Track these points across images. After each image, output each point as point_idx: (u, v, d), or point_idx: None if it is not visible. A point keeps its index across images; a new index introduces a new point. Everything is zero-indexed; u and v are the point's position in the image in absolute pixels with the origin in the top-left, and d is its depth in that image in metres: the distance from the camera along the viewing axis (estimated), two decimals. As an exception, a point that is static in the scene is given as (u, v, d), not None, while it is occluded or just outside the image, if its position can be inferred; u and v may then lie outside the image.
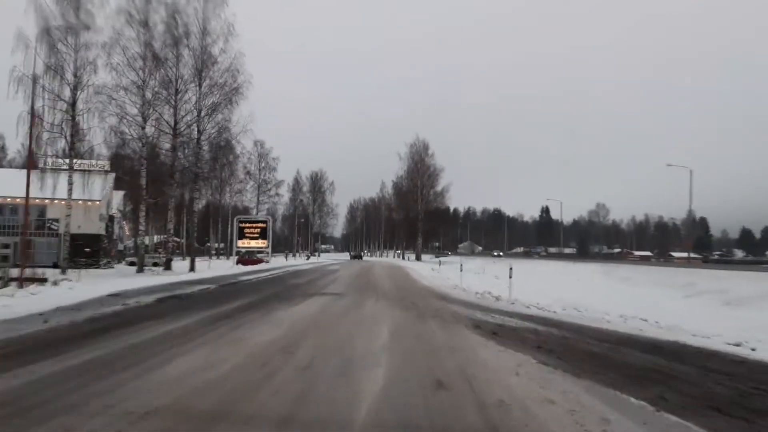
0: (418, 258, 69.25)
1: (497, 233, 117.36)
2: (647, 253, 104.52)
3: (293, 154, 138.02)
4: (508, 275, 14.89)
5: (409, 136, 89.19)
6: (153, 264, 30.52)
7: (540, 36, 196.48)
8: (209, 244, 68.27)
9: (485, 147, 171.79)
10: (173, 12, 28.19)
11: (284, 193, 73.25)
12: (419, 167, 72.47)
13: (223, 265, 38.24)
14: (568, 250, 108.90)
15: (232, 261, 42.58)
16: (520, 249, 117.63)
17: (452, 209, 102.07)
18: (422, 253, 73.44)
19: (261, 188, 65.64)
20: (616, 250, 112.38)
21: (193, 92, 30.43)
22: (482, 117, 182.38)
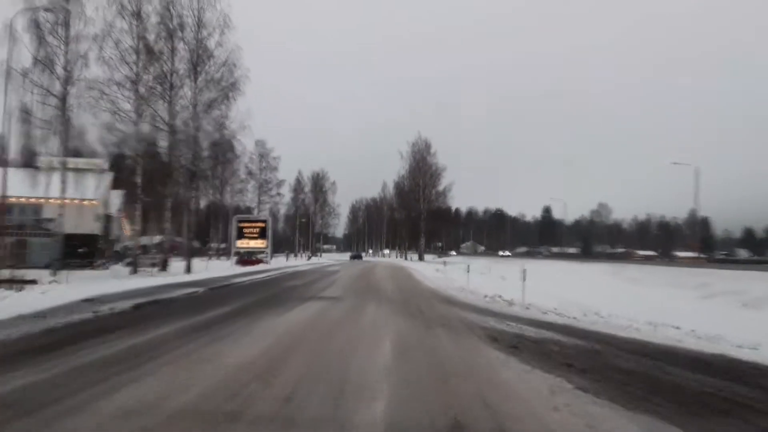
0: (421, 258, 68.13)
1: (499, 233, 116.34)
2: (651, 253, 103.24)
3: (294, 154, 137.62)
4: (521, 277, 13.85)
5: (411, 136, 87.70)
6: (151, 264, 29.46)
7: (540, 36, 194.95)
8: (211, 245, 67.52)
9: (485, 147, 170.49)
10: (167, 2, 27.12)
11: (286, 193, 72.49)
12: (421, 166, 71.30)
13: (222, 266, 37.28)
14: (571, 250, 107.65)
15: (232, 261, 41.73)
16: (523, 249, 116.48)
17: (454, 209, 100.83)
18: (424, 254, 72.28)
19: (262, 188, 64.88)
20: (620, 250, 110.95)
21: (189, 87, 29.47)
22: (482, 117, 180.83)
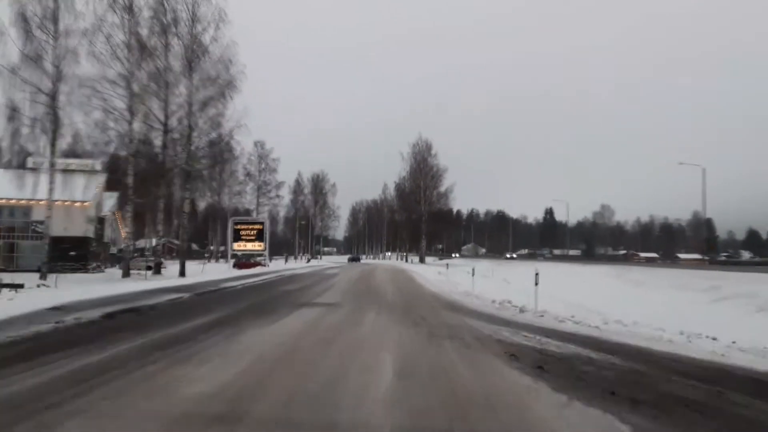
0: (422, 260, 66.99)
1: (501, 235, 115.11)
2: (653, 255, 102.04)
3: (294, 156, 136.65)
4: (533, 281, 12.80)
5: (411, 136, 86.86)
6: (146, 267, 28.43)
7: (540, 36, 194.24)
8: (210, 247, 66.54)
9: (486, 148, 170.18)
10: (160, -6, 26.24)
11: (285, 195, 71.51)
12: (422, 167, 70.25)
13: (219, 269, 36.28)
14: (573, 252, 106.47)
15: (229, 264, 40.73)
16: (525, 251, 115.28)
17: (455, 211, 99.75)
18: (425, 256, 71.12)
19: (261, 190, 63.91)
20: (622, 252, 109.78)
21: (184, 85, 28.50)
22: (482, 117, 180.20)
